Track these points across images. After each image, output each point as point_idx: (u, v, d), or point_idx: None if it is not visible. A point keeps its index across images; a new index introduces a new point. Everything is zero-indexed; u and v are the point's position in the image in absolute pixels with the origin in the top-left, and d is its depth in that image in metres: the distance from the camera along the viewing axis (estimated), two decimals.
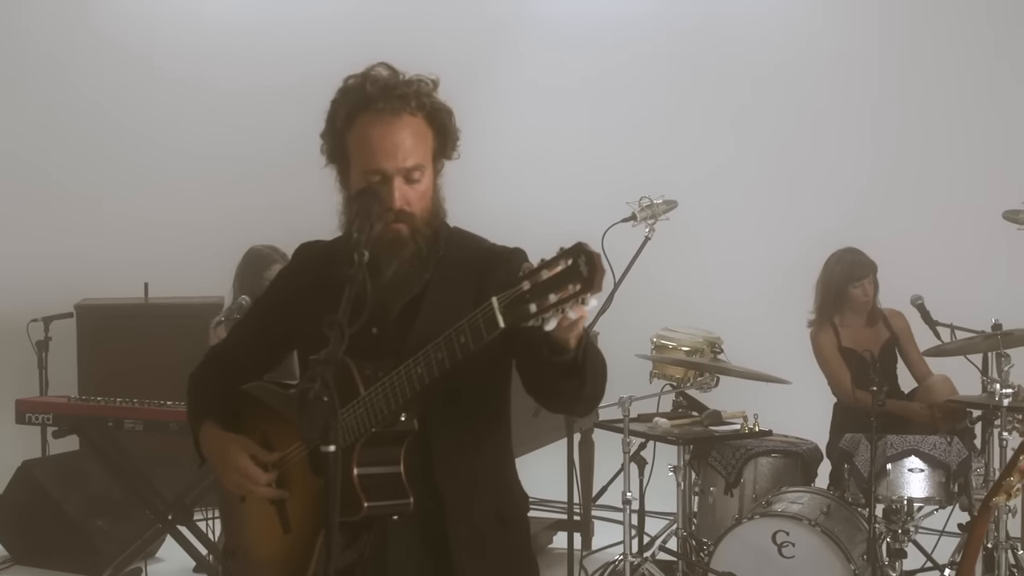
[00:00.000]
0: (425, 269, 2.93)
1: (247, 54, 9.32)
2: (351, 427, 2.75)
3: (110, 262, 8.95)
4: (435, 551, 2.92)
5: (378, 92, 2.84)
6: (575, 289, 2.38)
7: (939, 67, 8.65)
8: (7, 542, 7.23)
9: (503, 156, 8.13)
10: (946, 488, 5.73)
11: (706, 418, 6.30)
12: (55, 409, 6.57)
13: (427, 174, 2.89)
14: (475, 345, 2.57)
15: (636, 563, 6.08)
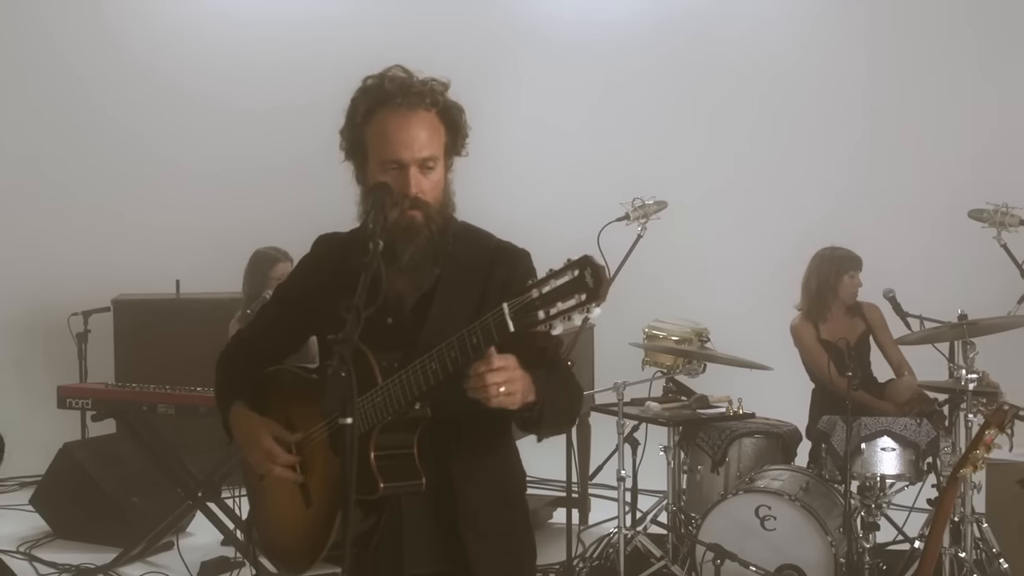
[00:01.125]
0: (436, 264, 2.92)
1: (262, 76, 9.31)
2: (369, 414, 2.75)
3: (144, 262, 8.93)
4: (446, 526, 2.92)
5: (396, 89, 2.85)
6: (581, 299, 2.42)
7: (910, 81, 8.63)
8: (50, 518, 7.23)
9: (506, 161, 8.10)
10: (916, 466, 5.74)
11: (694, 402, 6.31)
12: (94, 395, 6.57)
13: (440, 166, 2.89)
14: (486, 346, 2.58)
15: (630, 536, 6.09)
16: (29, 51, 9.19)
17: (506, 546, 3.00)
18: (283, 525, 3.04)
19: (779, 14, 8.95)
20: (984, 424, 3.90)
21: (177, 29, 9.40)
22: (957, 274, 7.70)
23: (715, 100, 8.89)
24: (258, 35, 9.34)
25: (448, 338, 2.72)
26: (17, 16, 9.20)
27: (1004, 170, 8.05)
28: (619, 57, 9.08)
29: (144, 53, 9.35)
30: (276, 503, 3.05)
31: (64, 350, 8.40)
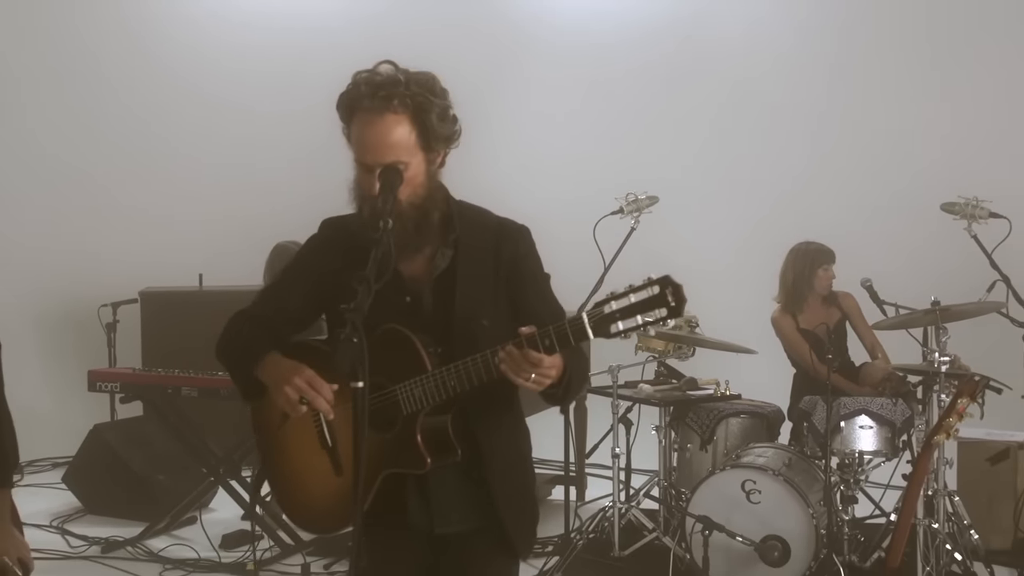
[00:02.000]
0: (447, 246, 2.93)
1: (280, 79, 9.33)
2: (419, 398, 2.79)
3: (169, 256, 8.97)
4: (473, 487, 2.96)
5: (367, 92, 2.81)
6: (661, 315, 2.51)
7: (885, 80, 8.61)
8: (80, 494, 7.24)
9: (508, 159, 8.17)
10: (892, 443, 5.74)
11: (684, 384, 6.32)
12: (122, 378, 6.59)
13: (411, 164, 2.82)
14: (560, 348, 2.63)
15: (624, 510, 6.11)
16: (64, 58, 9.22)
17: (523, 501, 3.06)
18: (312, 491, 3.01)
19: (760, 16, 8.97)
20: (956, 393, 3.92)
21: (199, 35, 9.43)
22: (930, 264, 7.69)
23: (701, 102, 8.90)
24: (276, 40, 9.38)
25: (477, 321, 2.81)
26: (52, 24, 9.22)
27: (974, 165, 8.05)
28: (612, 61, 9.10)
29: (168, 58, 9.38)
30: (306, 473, 3.02)
31: (94, 339, 8.40)
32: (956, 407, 3.80)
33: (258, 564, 6.01)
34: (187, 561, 6.15)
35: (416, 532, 2.98)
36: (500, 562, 3.06)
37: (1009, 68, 8.47)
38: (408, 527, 2.97)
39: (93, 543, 6.45)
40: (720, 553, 5.49)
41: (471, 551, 3.01)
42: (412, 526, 2.97)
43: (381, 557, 2.99)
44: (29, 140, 9.19)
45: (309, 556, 6.07)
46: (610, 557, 5.97)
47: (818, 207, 8.26)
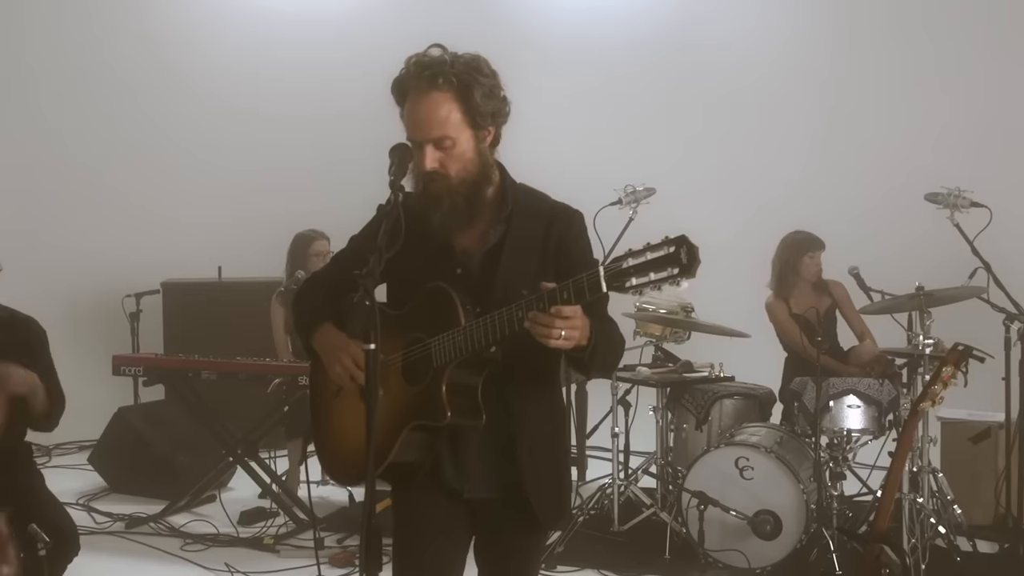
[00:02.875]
0: (500, 222, 2.91)
1: (294, 85, 9.34)
2: (448, 350, 2.74)
3: (190, 250, 8.93)
4: (504, 457, 2.90)
5: (415, 71, 2.82)
6: (673, 272, 2.43)
7: (871, 76, 8.60)
8: (105, 474, 7.21)
9: (510, 150, 8.06)
10: (879, 421, 5.70)
11: (680, 367, 6.29)
12: (145, 363, 6.55)
13: (460, 140, 2.82)
14: (576, 301, 2.57)
15: (623, 487, 6.07)
16: (87, 64, 9.21)
17: (554, 477, 3.00)
18: (346, 440, 2.97)
19: (755, 14, 8.96)
20: (941, 362, 3.88)
21: (215, 43, 9.43)
22: (915, 252, 7.64)
23: (697, 97, 8.87)
24: (292, 46, 9.39)
25: (517, 290, 2.74)
26: (76, 30, 9.21)
27: (956, 156, 8.00)
28: (613, 57, 9.09)
29: (187, 64, 9.38)
30: (343, 420, 2.99)
31: (118, 328, 8.37)
32: (941, 375, 3.75)
33: (276, 539, 5.98)
34: (207, 536, 6.11)
35: (449, 495, 2.94)
36: (528, 534, 3.03)
37: (993, 62, 8.43)
38: (441, 488, 2.92)
39: (117, 519, 6.42)
40: (715, 527, 5.47)
41: (502, 521, 2.97)
42: (445, 487, 2.93)
43: (416, 516, 2.96)
44: (55, 143, 9.17)
45: (323, 532, 6.05)
46: (610, 532, 5.94)
47: (809, 199, 8.22)
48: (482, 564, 3.09)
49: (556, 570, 5.53)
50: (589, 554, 5.68)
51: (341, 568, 5.58)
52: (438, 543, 2.96)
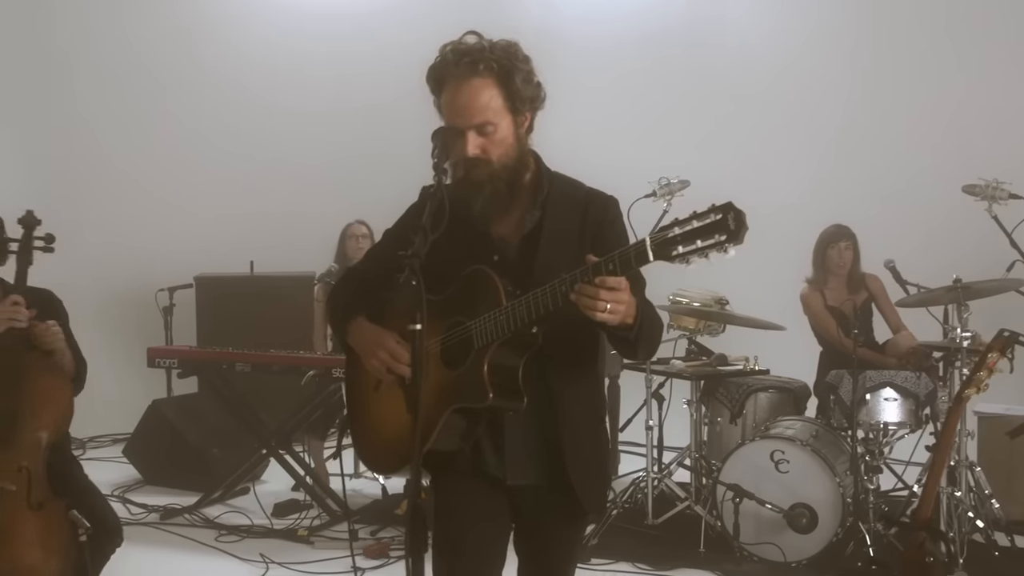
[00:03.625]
0: (535, 208, 2.91)
1: (327, 82, 9.36)
2: (490, 330, 2.73)
3: (223, 245, 8.98)
4: (545, 442, 2.89)
5: (455, 58, 2.82)
6: (721, 239, 2.41)
7: (908, 67, 8.52)
8: (140, 466, 7.26)
9: (546, 145, 8.06)
10: (916, 415, 5.66)
11: (714, 360, 6.27)
12: (179, 355, 6.58)
13: (501, 126, 2.83)
14: (622, 273, 2.55)
15: (656, 480, 6.06)
16: (120, 59, 9.26)
17: (595, 462, 2.98)
18: (385, 429, 2.96)
19: (780, 6, 8.93)
20: (987, 348, 3.85)
21: (248, 38, 9.46)
22: (952, 245, 7.59)
23: (727, 90, 8.82)
24: (323, 43, 9.40)
25: (557, 273, 2.71)
26: (110, 25, 9.28)
27: (994, 147, 7.92)
28: (643, 56, 9.07)
29: (218, 60, 9.41)
30: (382, 409, 2.98)
31: (152, 322, 8.41)
32: (987, 362, 3.72)
33: (310, 530, 6.00)
34: (241, 527, 6.14)
35: (491, 481, 2.93)
36: (571, 521, 3.02)
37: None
38: (482, 476, 2.91)
39: (152, 511, 6.46)
40: (750, 520, 5.46)
41: (543, 507, 2.96)
42: (486, 475, 2.92)
43: (456, 504, 2.95)
44: (88, 138, 9.24)
45: (357, 524, 6.07)
46: (644, 525, 5.93)
47: (847, 191, 8.17)
48: (523, 553, 3.08)
49: (590, 563, 5.53)
50: (623, 547, 5.67)
51: (375, 559, 5.59)
52: (479, 530, 2.94)
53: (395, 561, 5.58)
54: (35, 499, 3.93)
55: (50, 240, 4.25)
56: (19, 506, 3.90)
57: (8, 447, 3.94)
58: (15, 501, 3.89)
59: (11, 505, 3.88)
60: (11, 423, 3.96)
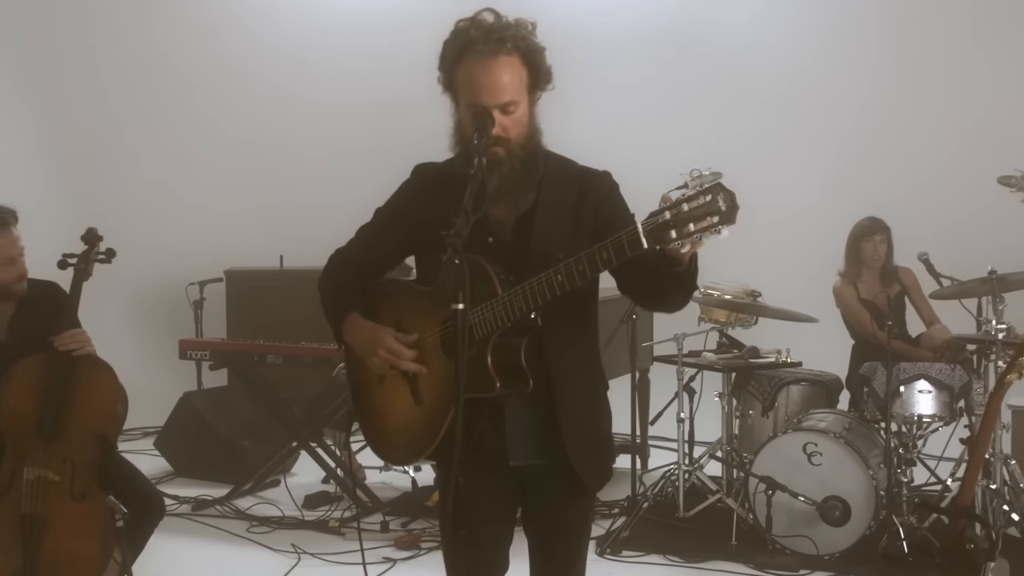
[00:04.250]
0: (531, 189, 2.90)
1: (356, 75, 9.40)
2: (489, 321, 2.73)
3: (253, 239, 9.05)
4: (544, 423, 2.90)
5: (480, 35, 2.80)
6: (713, 221, 2.42)
7: (944, 57, 8.46)
8: (171, 458, 7.30)
9: (578, 142, 8.07)
10: (950, 407, 5.63)
11: (746, 353, 6.24)
12: (211, 347, 6.64)
13: (522, 105, 2.83)
14: (617, 261, 2.57)
15: (688, 472, 6.04)
16: (148, 55, 9.34)
17: (595, 439, 3.00)
18: (394, 422, 2.99)
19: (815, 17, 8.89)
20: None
21: (275, 32, 9.52)
22: (986, 236, 7.56)
23: (758, 82, 8.80)
24: (352, 37, 9.43)
25: (553, 254, 2.73)
26: (138, 21, 9.35)
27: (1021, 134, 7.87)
28: (670, 47, 9.07)
29: (244, 54, 9.47)
30: (388, 402, 2.99)
31: (182, 316, 8.47)
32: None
33: (341, 522, 6.03)
34: (272, 519, 6.17)
35: (495, 464, 2.94)
36: (575, 498, 3.02)
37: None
38: (486, 460, 2.91)
39: (183, 502, 6.50)
40: (782, 513, 5.45)
41: (548, 486, 2.98)
42: (489, 459, 2.92)
43: (462, 490, 2.95)
44: (117, 133, 9.33)
45: (387, 516, 6.09)
46: (675, 518, 5.92)
47: (879, 183, 8.12)
48: (532, 534, 3.09)
49: (621, 555, 5.53)
50: (655, 540, 5.67)
51: (406, 551, 5.62)
52: (487, 515, 2.95)
53: (426, 552, 5.61)
54: (78, 490, 4.02)
55: (110, 255, 4.39)
56: (62, 496, 3.99)
57: (55, 440, 4.04)
58: (59, 491, 4.00)
59: (54, 495, 3.98)
60: (59, 418, 4.05)
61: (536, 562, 3.11)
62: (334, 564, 5.45)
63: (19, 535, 3.90)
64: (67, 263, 4.33)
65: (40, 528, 3.91)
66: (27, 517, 3.92)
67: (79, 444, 4.07)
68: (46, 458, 4.00)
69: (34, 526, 3.91)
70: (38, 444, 4.01)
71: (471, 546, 2.69)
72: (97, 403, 4.16)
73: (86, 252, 4.35)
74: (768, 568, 5.31)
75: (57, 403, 4.04)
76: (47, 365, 4.10)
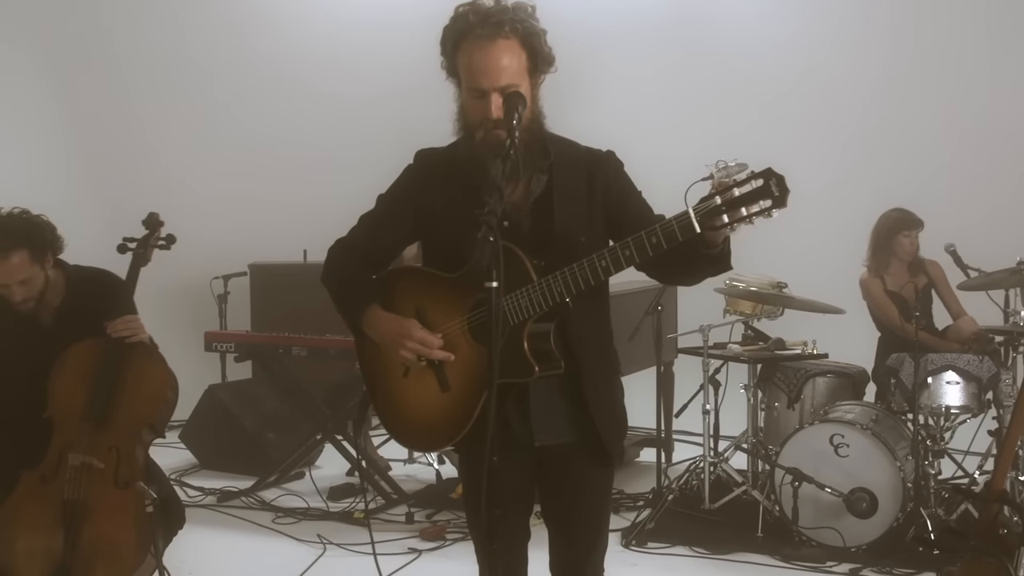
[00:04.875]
0: (542, 172, 2.92)
1: (378, 67, 9.40)
2: (525, 307, 2.76)
3: (276, 233, 9.08)
4: (569, 401, 2.94)
5: (478, 20, 2.81)
6: (766, 205, 2.49)
7: (972, 46, 8.36)
8: (196, 450, 7.35)
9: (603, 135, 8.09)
10: (978, 398, 5.59)
11: (772, 344, 6.23)
12: (236, 339, 6.67)
13: (523, 88, 2.83)
14: (667, 245, 2.60)
15: (713, 465, 6.04)
16: (170, 51, 9.39)
17: (615, 413, 3.05)
18: (421, 411, 2.98)
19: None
20: None
21: (297, 27, 9.56)
22: (1012, 228, 7.50)
23: (787, 72, 8.75)
24: (371, 30, 9.45)
25: (576, 238, 2.78)
26: (161, 17, 9.40)
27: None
28: (693, 38, 9.02)
29: (265, 50, 9.50)
30: (414, 392, 2.98)
31: (206, 310, 8.52)
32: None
33: (366, 513, 6.04)
34: (297, 510, 6.20)
35: (519, 446, 2.96)
36: (596, 472, 3.05)
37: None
38: (510, 442, 2.93)
39: (209, 493, 6.54)
40: (808, 505, 5.43)
41: (569, 463, 3.01)
42: (515, 441, 2.94)
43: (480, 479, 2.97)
44: (142, 134, 9.38)
45: (412, 507, 6.11)
46: (700, 510, 5.91)
47: (906, 174, 8.06)
48: (552, 514, 3.11)
49: (647, 547, 5.53)
50: (680, 532, 5.66)
51: (431, 542, 5.63)
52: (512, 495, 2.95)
53: (451, 543, 5.63)
54: (123, 478, 4.04)
55: (171, 240, 4.41)
56: (106, 483, 4.01)
57: (103, 428, 4.06)
58: (103, 478, 4.01)
59: (98, 482, 4.01)
60: (108, 406, 4.06)
61: (556, 545, 3.13)
62: (359, 555, 5.47)
63: (61, 520, 3.92)
64: (127, 247, 4.33)
65: (81, 515, 3.93)
66: (69, 503, 3.94)
67: (126, 432, 4.08)
68: (92, 445, 4.01)
69: (76, 512, 3.92)
70: (85, 430, 4.03)
71: (503, 525, 2.69)
72: (147, 392, 4.16)
73: (146, 237, 4.36)
74: (794, 560, 5.30)
75: (107, 390, 4.05)
76: (99, 350, 4.09)
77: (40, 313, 4.27)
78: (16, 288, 4.16)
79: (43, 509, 3.95)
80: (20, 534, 3.96)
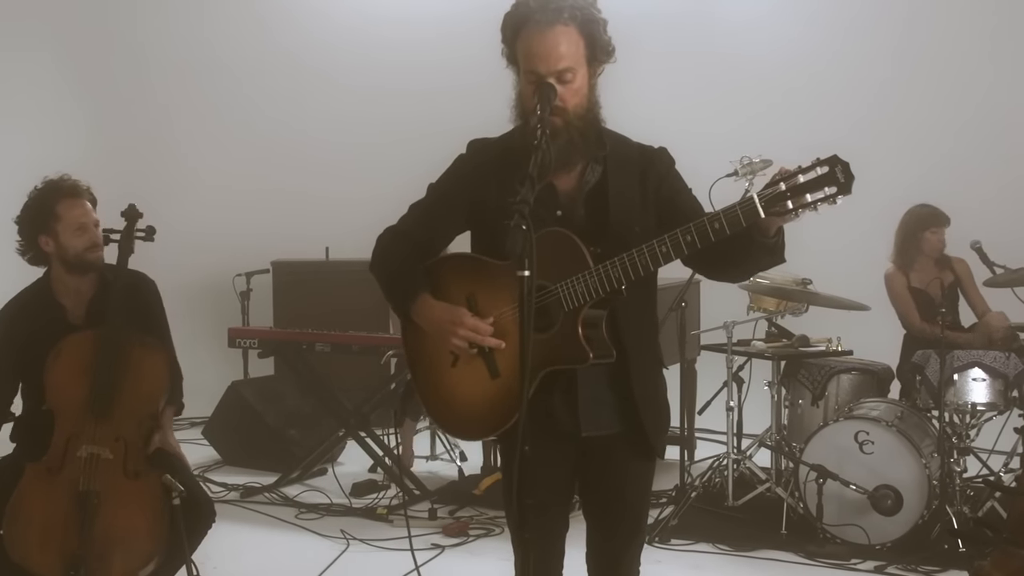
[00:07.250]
0: (596, 162, 2.94)
1: (402, 64, 9.43)
2: (581, 293, 2.77)
3: (299, 231, 9.12)
4: (616, 392, 2.94)
5: (538, 6, 2.84)
6: (830, 191, 2.51)
7: (1001, 47, 8.38)
8: (219, 446, 7.38)
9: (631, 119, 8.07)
10: (1005, 395, 5.57)
11: (796, 341, 6.23)
12: (260, 335, 6.70)
13: (579, 75, 2.85)
14: (730, 231, 2.61)
15: (737, 462, 6.04)
16: (197, 47, 9.45)
17: (659, 405, 3.05)
18: (470, 398, 2.97)
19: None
20: None
21: (321, 23, 9.61)
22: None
23: (815, 67, 8.74)
24: (398, 28, 9.49)
25: (631, 228, 2.80)
26: (187, 14, 9.45)
27: None
28: (720, 34, 9.04)
29: (289, 46, 9.56)
30: (463, 381, 2.98)
31: (228, 307, 8.56)
32: None
33: (389, 509, 6.06)
34: (320, 506, 6.23)
35: (563, 436, 2.97)
36: (639, 465, 3.06)
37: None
38: (555, 432, 2.94)
39: (232, 489, 6.57)
40: (833, 502, 5.43)
41: (613, 454, 3.01)
42: (560, 431, 2.95)
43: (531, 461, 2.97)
44: (168, 131, 9.46)
45: (435, 503, 6.12)
46: (724, 507, 5.92)
47: (932, 171, 8.04)
48: (593, 501, 3.10)
49: (670, 543, 5.54)
50: (704, 529, 5.67)
51: (454, 538, 5.66)
52: (550, 485, 2.96)
53: (473, 539, 5.65)
54: (131, 468, 4.08)
55: (151, 232, 4.44)
56: (116, 474, 4.05)
57: (108, 419, 4.09)
58: (112, 469, 4.05)
59: (109, 472, 4.04)
60: (112, 397, 4.10)
61: (594, 537, 3.13)
62: (383, 550, 5.50)
63: (74, 512, 3.96)
64: (109, 239, 4.38)
65: (95, 505, 3.96)
66: (83, 494, 3.97)
67: (130, 424, 4.12)
68: (99, 436, 4.05)
69: (89, 502, 3.96)
70: (90, 422, 4.06)
71: (537, 515, 2.70)
72: (147, 384, 4.19)
73: (127, 228, 4.39)
74: (819, 557, 5.30)
75: (107, 382, 4.08)
76: (97, 343, 4.12)
77: (73, 306, 4.33)
78: (95, 232, 4.30)
79: (53, 501, 3.98)
80: (33, 526, 3.98)
